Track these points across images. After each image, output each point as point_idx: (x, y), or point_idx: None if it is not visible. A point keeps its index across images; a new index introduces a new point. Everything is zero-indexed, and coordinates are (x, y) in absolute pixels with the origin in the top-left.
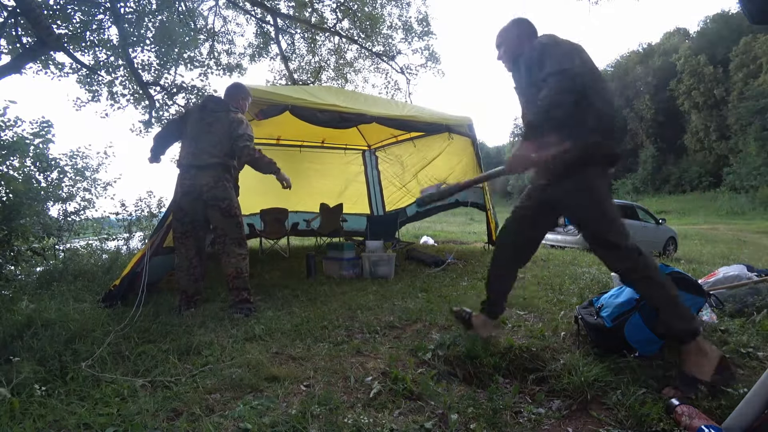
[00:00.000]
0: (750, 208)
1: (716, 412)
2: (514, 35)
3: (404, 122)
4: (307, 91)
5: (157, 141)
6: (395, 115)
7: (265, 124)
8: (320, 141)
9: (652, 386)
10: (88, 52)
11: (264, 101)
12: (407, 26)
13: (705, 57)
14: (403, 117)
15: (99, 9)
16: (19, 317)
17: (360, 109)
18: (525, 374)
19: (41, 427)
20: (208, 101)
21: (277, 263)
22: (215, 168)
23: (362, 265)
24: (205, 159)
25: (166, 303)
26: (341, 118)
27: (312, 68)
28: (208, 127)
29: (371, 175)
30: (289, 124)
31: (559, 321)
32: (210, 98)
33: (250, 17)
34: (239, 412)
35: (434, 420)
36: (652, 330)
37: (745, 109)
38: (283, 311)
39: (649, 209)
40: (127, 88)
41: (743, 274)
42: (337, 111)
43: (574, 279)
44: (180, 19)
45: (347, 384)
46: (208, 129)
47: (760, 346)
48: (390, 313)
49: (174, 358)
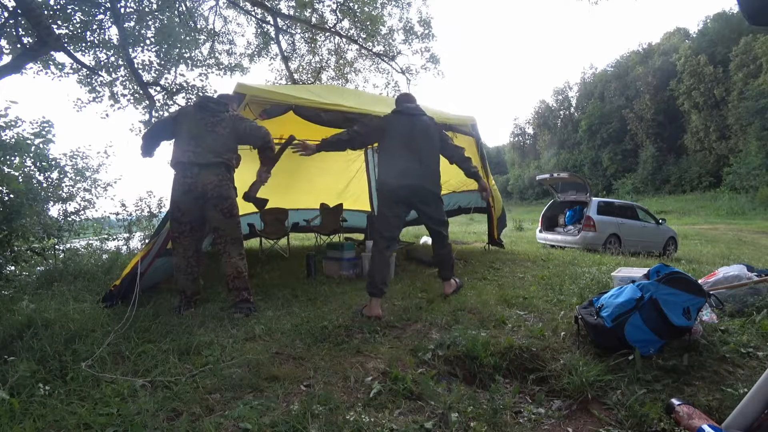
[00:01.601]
0: (750, 208)
1: (716, 412)
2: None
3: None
4: (309, 91)
5: (147, 140)
6: None
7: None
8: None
9: (651, 386)
10: (88, 52)
11: (267, 101)
12: (408, 27)
13: (705, 57)
14: None
15: (99, 9)
16: (19, 317)
17: (364, 109)
18: (525, 374)
19: (41, 427)
20: (207, 102)
21: (277, 263)
22: (219, 167)
23: (362, 265)
24: (210, 158)
25: (166, 303)
26: (345, 118)
27: (312, 68)
28: (212, 126)
29: (373, 173)
30: (292, 123)
31: (559, 321)
32: (209, 99)
33: (251, 17)
34: (239, 412)
35: (434, 420)
36: (652, 330)
37: (745, 109)
38: (283, 311)
39: (649, 209)
40: (127, 88)
41: (743, 274)
42: (341, 111)
43: (574, 279)
44: (180, 19)
45: (347, 384)
46: (212, 129)
47: (760, 346)
48: (390, 313)
49: (174, 358)
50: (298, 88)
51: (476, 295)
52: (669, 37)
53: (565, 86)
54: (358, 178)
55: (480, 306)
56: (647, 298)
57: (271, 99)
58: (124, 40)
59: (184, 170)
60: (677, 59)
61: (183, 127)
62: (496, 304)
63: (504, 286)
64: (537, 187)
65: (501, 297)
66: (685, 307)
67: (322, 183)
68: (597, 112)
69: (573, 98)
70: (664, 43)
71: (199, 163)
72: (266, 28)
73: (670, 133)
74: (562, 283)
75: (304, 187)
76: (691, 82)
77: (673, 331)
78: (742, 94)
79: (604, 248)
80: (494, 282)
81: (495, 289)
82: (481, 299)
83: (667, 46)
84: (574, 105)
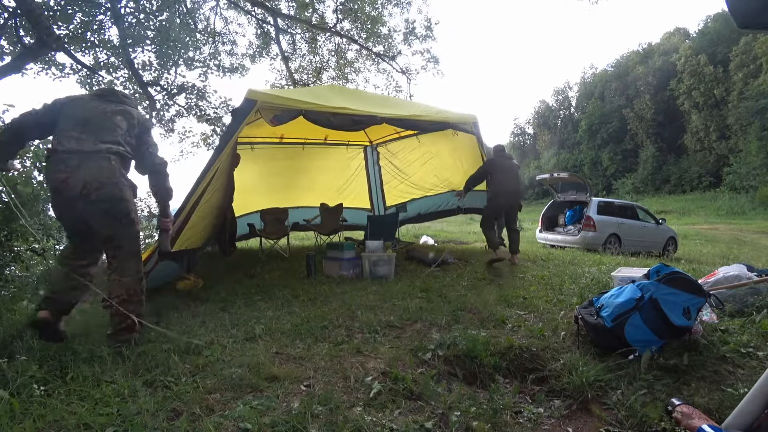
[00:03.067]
0: (750, 208)
1: (716, 412)
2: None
3: (412, 122)
4: (316, 94)
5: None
6: (404, 116)
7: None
8: (323, 138)
9: (651, 386)
10: (88, 52)
11: (278, 107)
12: (408, 28)
13: (705, 57)
14: (412, 117)
15: (99, 9)
16: (19, 317)
17: (371, 111)
18: (525, 374)
19: (41, 427)
20: (109, 92)
21: (277, 263)
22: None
23: (362, 265)
24: (98, 146)
25: (166, 303)
26: (353, 121)
27: (313, 68)
28: (111, 114)
29: (372, 171)
30: (293, 123)
31: (559, 321)
32: (112, 90)
33: (251, 18)
34: (239, 412)
35: (434, 420)
36: (652, 330)
37: (745, 109)
38: (283, 311)
39: (649, 209)
40: (127, 89)
41: (743, 274)
42: (349, 114)
43: (574, 279)
44: (181, 20)
45: (347, 384)
46: (110, 116)
47: (760, 346)
48: (390, 313)
49: (174, 358)
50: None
51: (476, 295)
52: (669, 37)
53: (565, 86)
54: (358, 176)
55: (480, 306)
56: (647, 298)
57: (283, 105)
58: (124, 41)
59: (57, 162)
60: (677, 59)
61: (69, 115)
62: (496, 304)
63: (504, 286)
64: (537, 187)
65: (501, 297)
66: (685, 307)
67: (322, 182)
68: (597, 112)
69: (573, 98)
70: (664, 43)
71: (82, 150)
72: (266, 29)
73: (670, 133)
74: (562, 283)
75: (304, 186)
76: (691, 82)
77: (673, 331)
78: (742, 94)
79: (604, 248)
80: (494, 282)
81: (495, 289)
82: (481, 299)
83: (667, 46)
84: (574, 105)
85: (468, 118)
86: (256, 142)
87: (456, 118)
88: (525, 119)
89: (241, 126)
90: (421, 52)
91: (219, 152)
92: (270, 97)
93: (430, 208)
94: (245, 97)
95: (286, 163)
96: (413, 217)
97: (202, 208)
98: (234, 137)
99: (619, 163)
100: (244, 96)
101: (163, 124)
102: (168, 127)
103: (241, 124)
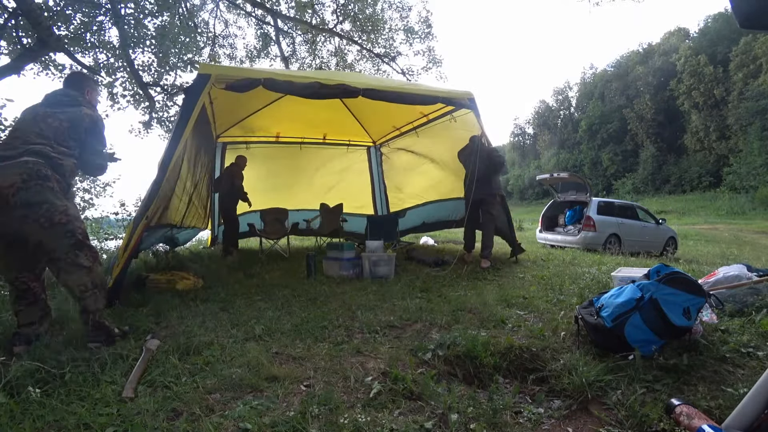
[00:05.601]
0: (750, 208)
1: (716, 412)
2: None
3: (395, 94)
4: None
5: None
6: (385, 87)
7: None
8: (321, 137)
9: (651, 386)
10: (88, 53)
11: (234, 78)
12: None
13: (705, 57)
14: (394, 88)
15: (99, 10)
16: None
17: (338, 80)
18: (525, 374)
19: (41, 427)
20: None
21: (277, 263)
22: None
23: (362, 265)
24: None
25: (167, 303)
26: (320, 85)
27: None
28: (44, 117)
29: (376, 173)
30: (289, 120)
31: (559, 321)
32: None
33: (251, 19)
34: (239, 412)
35: (434, 420)
36: (652, 330)
37: (745, 109)
38: (283, 311)
39: (649, 209)
40: (127, 89)
41: (743, 274)
42: (316, 80)
43: (574, 279)
44: (180, 21)
45: (347, 384)
46: (43, 118)
47: (760, 346)
48: (390, 313)
49: (174, 358)
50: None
51: (476, 295)
52: (669, 37)
53: (565, 86)
54: (360, 179)
55: (480, 306)
56: (647, 298)
57: (238, 76)
58: (124, 41)
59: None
60: (677, 59)
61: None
62: (496, 304)
63: (504, 286)
64: (537, 187)
65: (501, 297)
66: (685, 307)
67: (321, 183)
68: (597, 112)
69: (573, 98)
70: (664, 43)
71: (3, 156)
72: (266, 30)
73: (670, 133)
74: (562, 283)
75: (304, 188)
76: (691, 82)
77: (673, 331)
78: (742, 94)
79: (604, 248)
80: (494, 282)
81: (495, 289)
82: (481, 299)
83: (667, 46)
84: (574, 105)
85: (463, 94)
86: (251, 141)
87: (447, 93)
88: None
89: (196, 104)
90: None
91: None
92: (225, 69)
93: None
94: (198, 72)
95: (284, 163)
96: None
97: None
98: (192, 116)
99: (619, 163)
100: (198, 72)
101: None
102: (168, 127)
103: (197, 102)
